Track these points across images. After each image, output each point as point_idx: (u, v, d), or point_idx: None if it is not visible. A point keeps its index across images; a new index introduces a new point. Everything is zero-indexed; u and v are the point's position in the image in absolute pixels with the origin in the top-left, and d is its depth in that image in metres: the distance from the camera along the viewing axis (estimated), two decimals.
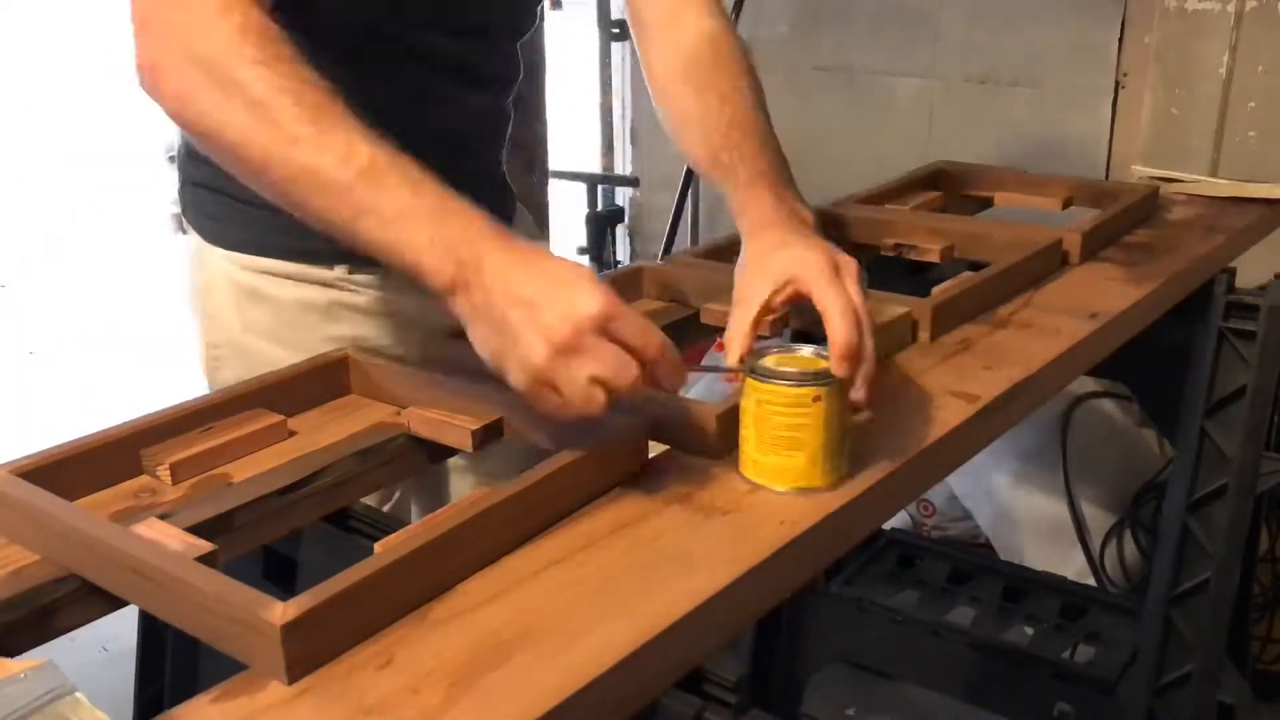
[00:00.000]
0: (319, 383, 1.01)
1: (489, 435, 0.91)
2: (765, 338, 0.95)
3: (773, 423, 0.84)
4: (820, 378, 0.84)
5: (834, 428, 0.84)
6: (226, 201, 1.16)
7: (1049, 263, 1.32)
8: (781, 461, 0.84)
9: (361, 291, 1.19)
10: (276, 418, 0.94)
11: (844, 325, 0.86)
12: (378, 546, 0.73)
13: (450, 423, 0.92)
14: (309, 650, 0.65)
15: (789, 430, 0.83)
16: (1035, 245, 1.30)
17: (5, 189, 5.63)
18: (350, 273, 1.17)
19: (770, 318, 0.95)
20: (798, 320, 1.02)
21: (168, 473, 0.86)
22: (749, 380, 0.85)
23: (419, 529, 0.74)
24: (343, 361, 1.03)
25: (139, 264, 4.70)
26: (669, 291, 1.22)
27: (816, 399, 0.83)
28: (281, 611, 0.64)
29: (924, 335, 1.11)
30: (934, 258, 1.36)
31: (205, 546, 0.74)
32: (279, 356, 1.13)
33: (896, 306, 1.10)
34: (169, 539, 0.75)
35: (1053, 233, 1.34)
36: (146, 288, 4.33)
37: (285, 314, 1.19)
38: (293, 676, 0.64)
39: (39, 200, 5.67)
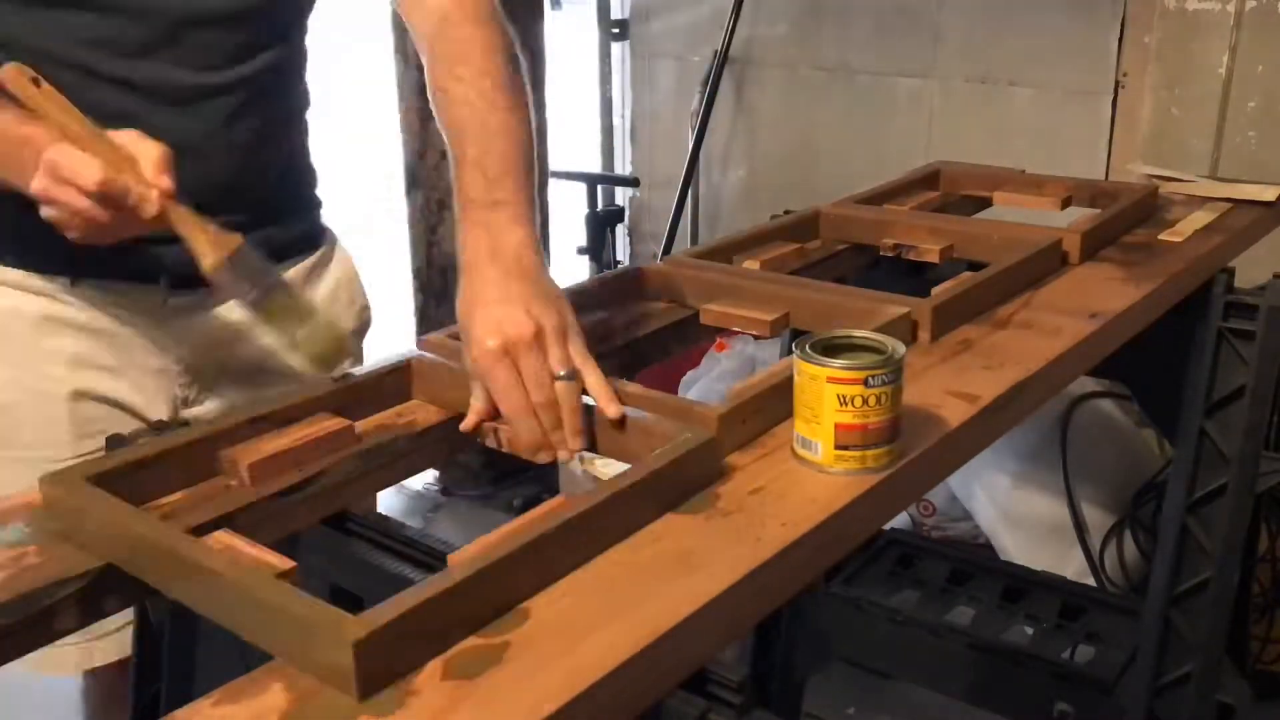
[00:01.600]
0: (382, 387, 1.00)
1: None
2: (759, 338, 0.95)
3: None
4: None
5: None
6: None
7: (1049, 263, 1.32)
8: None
9: (82, 308, 1.16)
10: (344, 422, 0.93)
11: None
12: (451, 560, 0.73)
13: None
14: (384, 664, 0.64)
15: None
16: (1035, 245, 1.30)
17: None
18: (71, 285, 1.15)
19: None
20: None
21: (247, 473, 0.86)
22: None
23: (488, 546, 0.72)
24: (405, 366, 1.02)
25: None
26: (668, 292, 1.22)
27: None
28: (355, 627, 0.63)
29: (924, 335, 1.11)
30: (933, 258, 1.36)
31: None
32: None
33: (896, 306, 1.10)
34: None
35: (1052, 233, 1.34)
36: None
37: None
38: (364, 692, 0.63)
39: None
